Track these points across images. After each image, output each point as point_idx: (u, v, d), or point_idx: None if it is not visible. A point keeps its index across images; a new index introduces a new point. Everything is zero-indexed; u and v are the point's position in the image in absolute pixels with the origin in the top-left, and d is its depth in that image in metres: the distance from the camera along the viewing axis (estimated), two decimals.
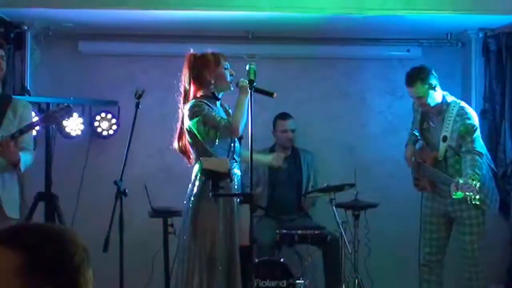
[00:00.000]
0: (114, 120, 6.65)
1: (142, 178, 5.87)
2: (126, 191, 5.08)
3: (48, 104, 6.33)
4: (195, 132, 4.78)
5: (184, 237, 4.83)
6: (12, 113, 4.80)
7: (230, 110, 5.00)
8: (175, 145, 5.06)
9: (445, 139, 5.42)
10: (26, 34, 6.58)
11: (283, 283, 5.58)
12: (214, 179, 4.69)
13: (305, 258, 6.04)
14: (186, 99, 4.92)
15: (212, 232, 4.74)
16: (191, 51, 4.92)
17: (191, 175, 4.96)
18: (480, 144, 5.41)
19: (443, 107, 5.52)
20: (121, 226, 5.08)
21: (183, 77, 4.93)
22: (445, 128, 5.44)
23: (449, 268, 5.81)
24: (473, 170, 5.08)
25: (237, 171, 4.94)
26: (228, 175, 4.72)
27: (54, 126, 5.58)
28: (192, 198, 4.83)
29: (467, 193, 4.87)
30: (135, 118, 5.16)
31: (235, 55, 6.75)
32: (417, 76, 5.45)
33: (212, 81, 4.82)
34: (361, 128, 7.02)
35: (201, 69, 4.84)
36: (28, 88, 6.60)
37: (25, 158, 4.75)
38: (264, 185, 6.51)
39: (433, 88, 5.45)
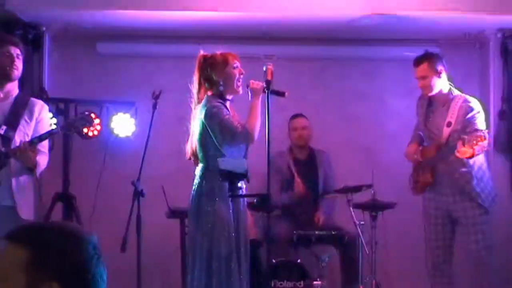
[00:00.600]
0: (131, 121, 6.66)
1: (159, 179, 5.89)
2: (144, 191, 5.09)
3: (66, 105, 6.37)
4: (210, 132, 4.74)
5: (199, 239, 4.78)
6: (29, 115, 4.80)
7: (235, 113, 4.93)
8: (188, 148, 5.02)
9: (449, 124, 5.43)
10: (44, 35, 6.62)
11: (300, 284, 5.58)
12: (231, 180, 4.67)
13: (322, 259, 6.02)
14: (198, 100, 4.90)
15: (223, 230, 4.69)
16: (201, 52, 4.90)
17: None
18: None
19: (449, 96, 5.56)
20: (139, 226, 5.10)
21: (194, 79, 4.92)
22: (450, 115, 5.45)
23: (457, 270, 5.77)
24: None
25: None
26: (246, 175, 4.70)
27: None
28: (203, 198, 4.81)
29: (477, 144, 4.90)
30: (152, 118, 5.18)
31: (252, 56, 6.77)
32: (425, 57, 5.57)
33: (221, 82, 4.77)
34: (378, 129, 6.99)
35: (210, 70, 4.81)
36: (46, 89, 6.64)
37: (41, 162, 4.76)
38: (286, 186, 6.49)
39: (439, 74, 5.50)
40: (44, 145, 4.89)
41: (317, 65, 7.11)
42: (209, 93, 4.83)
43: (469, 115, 5.44)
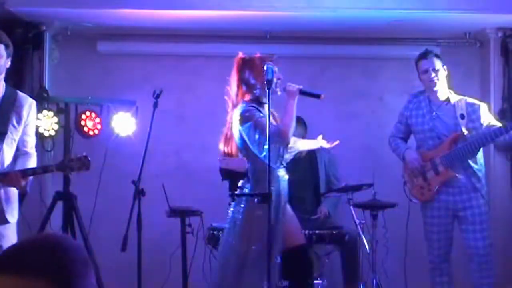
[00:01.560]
0: (132, 120, 6.65)
1: (160, 178, 5.88)
2: (144, 190, 5.09)
3: (66, 104, 6.36)
4: (245, 137, 4.68)
5: (234, 242, 4.71)
6: (17, 118, 4.66)
7: (276, 114, 4.90)
8: (221, 147, 4.94)
9: (463, 116, 5.44)
10: (44, 34, 6.62)
11: None
12: (232, 179, 4.67)
13: (323, 258, 6.03)
14: (234, 103, 4.83)
15: (260, 234, 4.57)
16: (240, 54, 4.88)
17: (210, 175, 4.95)
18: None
19: (451, 94, 5.59)
20: (139, 226, 5.09)
21: (231, 80, 4.86)
22: (459, 109, 5.46)
23: (456, 268, 5.77)
24: None
25: (285, 176, 4.83)
26: (246, 174, 4.70)
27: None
28: (242, 204, 4.71)
29: None
30: (153, 117, 5.17)
31: (253, 55, 6.77)
32: (432, 52, 5.63)
33: (258, 85, 4.74)
34: (379, 128, 6.99)
35: (247, 73, 4.78)
36: (47, 88, 6.64)
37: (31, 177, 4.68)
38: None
39: (445, 71, 5.55)
40: (32, 145, 4.81)
41: (318, 65, 7.12)
42: (246, 96, 4.78)
43: (477, 110, 5.50)
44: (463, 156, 5.43)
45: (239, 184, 4.79)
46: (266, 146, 4.48)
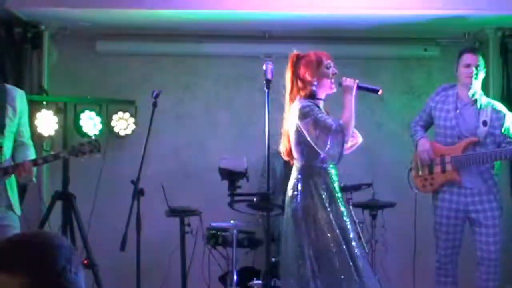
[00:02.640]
0: (131, 120, 6.66)
1: (159, 178, 5.88)
2: (143, 190, 5.09)
3: (65, 103, 6.36)
4: (304, 132, 4.60)
5: (298, 244, 4.60)
6: (12, 111, 4.70)
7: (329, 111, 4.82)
8: (281, 148, 4.88)
9: (485, 123, 5.41)
10: (43, 34, 6.61)
11: None
12: (231, 179, 4.67)
13: None
14: (290, 100, 4.78)
15: (326, 231, 4.53)
16: (294, 51, 4.80)
17: (209, 175, 4.93)
18: None
19: (481, 97, 5.53)
20: (138, 225, 5.09)
21: (286, 77, 4.79)
22: (483, 114, 5.43)
23: (461, 269, 5.77)
24: None
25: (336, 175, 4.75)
26: (245, 174, 4.69)
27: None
28: (298, 200, 4.64)
29: None
30: (152, 117, 5.17)
31: (252, 55, 6.78)
32: (480, 51, 5.62)
33: (314, 82, 4.67)
34: (378, 127, 6.99)
35: (303, 69, 4.70)
36: (46, 88, 6.63)
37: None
38: (280, 186, 6.50)
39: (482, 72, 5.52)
40: (28, 135, 4.82)
41: None
42: (302, 93, 4.71)
43: (501, 118, 5.47)
44: (474, 163, 5.41)
45: (293, 180, 4.71)
46: (329, 143, 4.48)
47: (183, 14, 6.23)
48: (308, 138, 4.58)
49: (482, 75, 5.48)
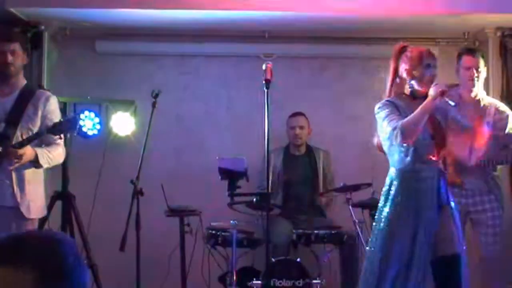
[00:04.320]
0: (131, 120, 6.66)
1: (158, 177, 5.89)
2: (143, 190, 5.09)
3: (65, 103, 6.36)
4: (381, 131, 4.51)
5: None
6: (33, 109, 4.77)
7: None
8: (374, 141, 4.75)
9: (488, 124, 5.38)
10: (43, 34, 6.61)
11: (299, 283, 5.56)
12: (230, 179, 4.66)
13: (322, 258, 6.03)
14: (387, 94, 4.62)
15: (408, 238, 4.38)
16: (401, 43, 4.61)
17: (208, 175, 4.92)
18: None
19: (483, 97, 5.53)
20: (138, 225, 5.10)
21: (389, 69, 4.64)
22: (486, 116, 5.41)
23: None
24: None
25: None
26: (245, 174, 4.68)
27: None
28: (389, 203, 4.50)
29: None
30: (151, 117, 5.17)
31: (252, 54, 6.78)
32: (481, 51, 5.56)
33: (409, 80, 4.47)
34: None
35: (401, 64, 4.53)
36: (45, 87, 6.63)
37: (45, 154, 4.73)
38: (279, 184, 6.51)
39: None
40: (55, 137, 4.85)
41: (317, 64, 7.11)
42: (397, 89, 4.57)
43: (504, 119, 5.45)
44: (477, 165, 5.39)
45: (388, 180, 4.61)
46: (393, 142, 4.36)
47: (183, 14, 6.23)
48: (381, 136, 4.54)
49: (483, 75, 5.47)
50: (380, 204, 4.57)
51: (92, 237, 5.80)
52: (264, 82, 4.59)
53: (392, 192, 4.48)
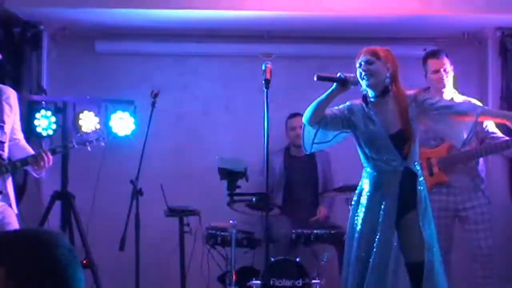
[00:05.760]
0: (130, 119, 6.65)
1: (158, 177, 5.88)
2: (142, 190, 5.09)
3: (64, 103, 6.36)
4: None
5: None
6: (9, 108, 4.65)
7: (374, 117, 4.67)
8: None
9: None
10: (42, 34, 6.61)
11: (298, 283, 5.57)
12: (230, 179, 4.66)
13: (321, 258, 6.03)
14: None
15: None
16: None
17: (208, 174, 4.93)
18: None
19: (455, 95, 5.54)
20: (137, 225, 5.10)
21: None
22: None
23: (456, 268, 5.76)
24: None
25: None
26: (244, 174, 4.68)
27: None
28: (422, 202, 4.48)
29: None
30: (151, 117, 5.17)
31: (251, 54, 6.77)
32: (443, 51, 5.59)
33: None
34: None
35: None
36: (45, 87, 6.63)
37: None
38: (279, 184, 6.51)
39: (451, 72, 5.51)
40: (20, 132, 4.81)
41: (316, 64, 7.10)
42: None
43: None
44: (461, 162, 5.43)
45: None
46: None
47: (182, 14, 6.23)
48: None
49: (451, 74, 5.50)
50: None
51: (92, 237, 5.81)
52: (263, 82, 4.58)
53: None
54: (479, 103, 5.47)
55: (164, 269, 6.27)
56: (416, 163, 4.52)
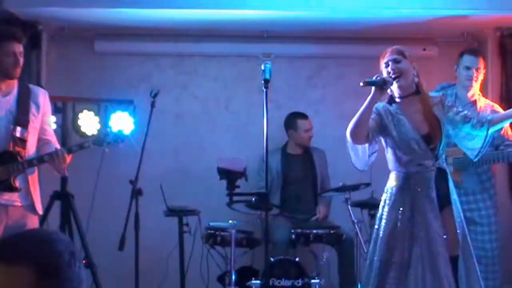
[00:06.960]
0: (130, 119, 6.64)
1: (157, 177, 5.89)
2: (142, 190, 5.08)
3: (63, 103, 6.35)
4: None
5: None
6: (36, 107, 4.76)
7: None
8: None
9: None
10: (41, 34, 6.60)
11: (298, 283, 5.57)
12: (229, 178, 4.66)
13: (320, 258, 6.03)
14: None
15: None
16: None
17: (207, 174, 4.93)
18: None
19: (479, 97, 5.54)
20: (137, 225, 5.10)
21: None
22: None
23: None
24: None
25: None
26: (244, 174, 4.68)
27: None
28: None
29: None
30: (150, 117, 5.16)
31: (250, 54, 6.77)
32: (481, 52, 5.62)
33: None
34: None
35: None
36: (44, 87, 6.63)
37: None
38: (277, 184, 6.51)
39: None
40: (53, 134, 4.88)
41: (315, 64, 7.11)
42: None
43: None
44: (475, 164, 5.40)
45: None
46: None
47: (181, 14, 6.22)
48: None
49: (482, 76, 5.48)
50: None
51: (91, 237, 5.80)
52: (263, 82, 4.58)
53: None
54: (500, 109, 5.46)
55: (164, 269, 6.27)
56: (444, 160, 4.55)
